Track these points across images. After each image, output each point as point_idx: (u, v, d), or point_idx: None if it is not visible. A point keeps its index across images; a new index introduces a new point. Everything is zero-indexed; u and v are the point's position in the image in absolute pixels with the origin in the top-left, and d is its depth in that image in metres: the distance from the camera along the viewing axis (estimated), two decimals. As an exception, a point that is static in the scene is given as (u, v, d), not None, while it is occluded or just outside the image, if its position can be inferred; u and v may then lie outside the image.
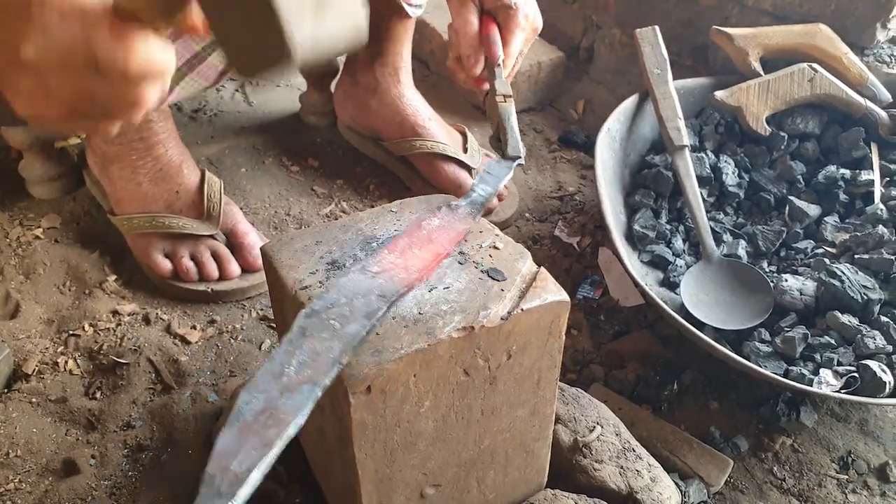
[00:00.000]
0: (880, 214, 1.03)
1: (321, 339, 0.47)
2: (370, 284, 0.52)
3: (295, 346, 0.46)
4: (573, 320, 1.03)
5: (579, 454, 0.75)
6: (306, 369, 0.45)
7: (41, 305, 0.99)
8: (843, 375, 0.85)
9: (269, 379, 0.44)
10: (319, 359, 0.46)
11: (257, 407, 0.42)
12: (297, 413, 0.42)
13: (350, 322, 0.49)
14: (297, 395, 0.43)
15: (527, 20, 0.83)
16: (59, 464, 0.82)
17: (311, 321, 0.48)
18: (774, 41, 1.19)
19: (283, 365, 0.45)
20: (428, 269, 0.56)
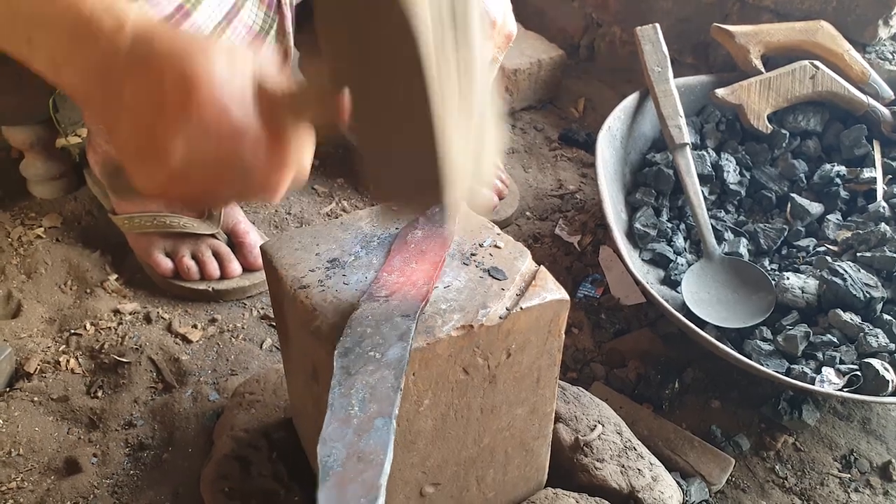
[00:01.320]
0: (882, 212, 1.03)
1: (369, 371, 0.46)
2: (387, 309, 0.52)
3: (346, 386, 0.45)
4: (574, 319, 1.02)
5: (580, 453, 0.75)
6: (370, 405, 0.44)
7: (43, 305, 0.99)
8: (845, 374, 0.85)
9: (339, 426, 0.43)
10: (378, 391, 0.45)
11: (341, 456, 0.40)
12: (385, 448, 0.41)
13: (388, 348, 0.48)
14: (375, 431, 0.42)
15: (493, 27, 0.80)
16: (61, 462, 0.82)
17: (350, 358, 0.47)
18: (776, 38, 1.18)
19: (345, 408, 0.44)
20: (433, 278, 0.55)
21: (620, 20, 1.51)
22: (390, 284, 0.55)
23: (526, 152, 1.38)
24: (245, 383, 0.85)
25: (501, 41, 0.84)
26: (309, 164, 0.52)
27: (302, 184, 0.52)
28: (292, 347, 0.64)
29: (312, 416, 0.65)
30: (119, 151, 0.51)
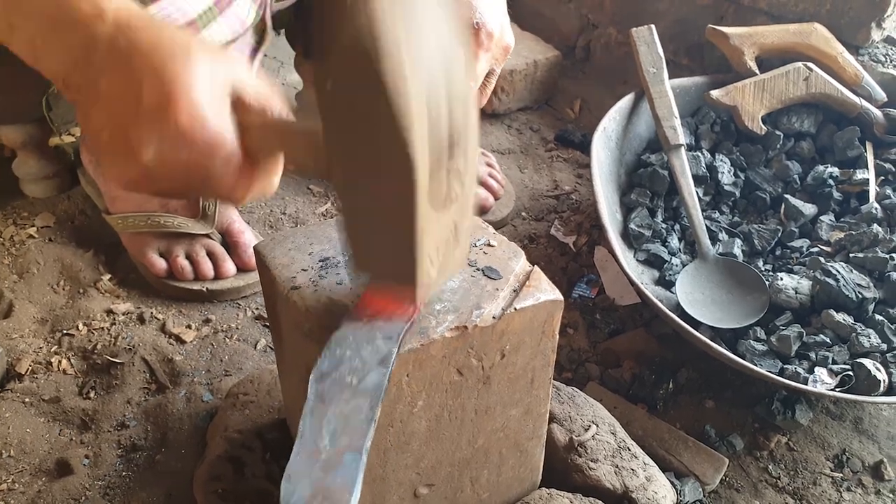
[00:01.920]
0: (875, 213, 1.03)
1: (344, 400, 0.44)
2: (370, 329, 0.49)
3: (318, 416, 0.43)
4: (569, 319, 1.02)
5: (574, 453, 0.75)
6: (341, 437, 0.41)
7: (35, 305, 0.99)
8: (837, 374, 0.85)
9: (306, 459, 0.40)
10: (351, 422, 0.42)
11: (306, 493, 0.39)
12: (352, 486, 0.39)
13: (366, 374, 0.46)
14: (343, 467, 0.40)
15: (490, 39, 0.80)
16: (53, 464, 0.82)
17: (325, 384, 0.45)
18: (770, 40, 1.19)
19: (315, 440, 0.41)
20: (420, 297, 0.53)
21: (616, 21, 1.51)
22: (375, 303, 0.52)
23: (522, 153, 1.38)
24: (239, 384, 0.85)
25: (499, 53, 0.84)
26: (276, 183, 0.52)
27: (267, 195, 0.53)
28: (285, 348, 0.64)
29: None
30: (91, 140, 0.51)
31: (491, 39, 0.80)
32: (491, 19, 0.80)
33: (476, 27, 0.79)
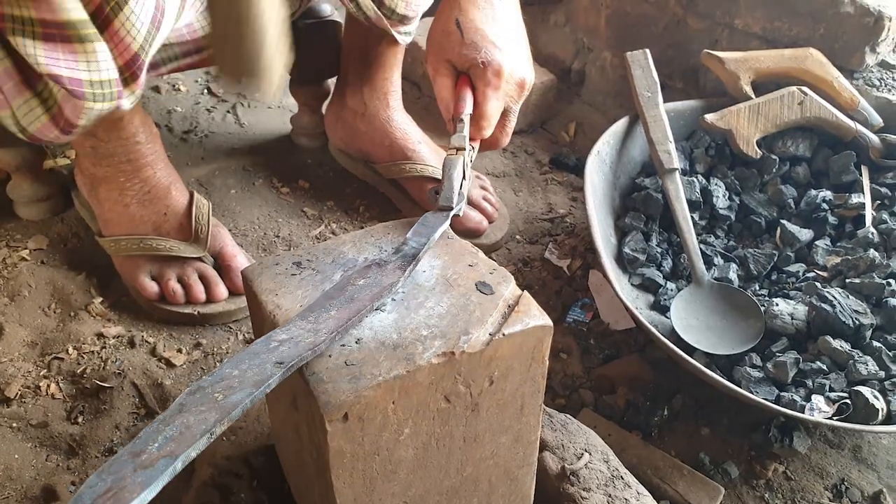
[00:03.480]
0: (871, 238, 1.02)
1: (198, 412, 0.43)
2: (268, 354, 0.49)
3: (167, 423, 0.42)
4: (563, 344, 1.02)
5: (567, 482, 0.74)
6: (170, 443, 0.41)
7: (25, 328, 0.98)
8: (835, 402, 0.84)
9: (127, 458, 0.40)
10: (189, 431, 0.41)
11: (101, 489, 0.38)
12: (144, 489, 0.38)
13: (235, 392, 0.45)
14: (151, 470, 0.39)
15: (499, 77, 0.78)
16: (39, 490, 0.81)
17: (194, 397, 0.44)
18: (765, 65, 1.19)
19: (147, 443, 0.41)
20: (338, 329, 0.52)
21: (611, 45, 1.52)
22: (294, 330, 0.51)
23: (517, 176, 1.38)
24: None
25: (512, 90, 0.81)
26: None
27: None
28: (273, 374, 0.63)
29: (293, 444, 0.64)
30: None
31: (499, 77, 0.78)
32: (498, 57, 0.78)
33: (482, 66, 0.78)
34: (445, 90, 0.80)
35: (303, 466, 0.62)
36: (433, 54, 0.82)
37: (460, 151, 0.73)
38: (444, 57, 0.80)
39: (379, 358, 0.51)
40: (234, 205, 1.22)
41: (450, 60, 0.80)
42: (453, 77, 0.81)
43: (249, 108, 1.48)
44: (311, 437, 0.54)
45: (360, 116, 1.21)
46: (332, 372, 0.50)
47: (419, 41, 1.49)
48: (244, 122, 1.44)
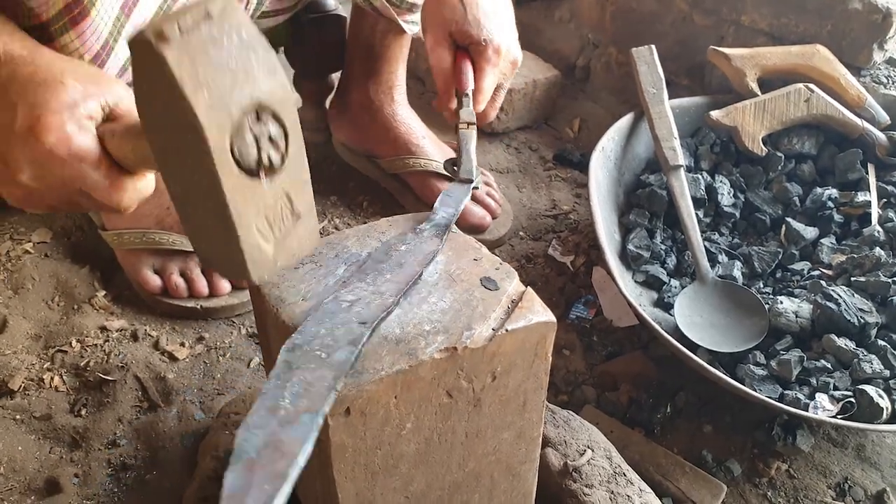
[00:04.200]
0: (877, 236, 1.02)
1: (310, 369, 0.46)
2: (347, 314, 0.52)
3: (284, 379, 0.45)
4: (566, 340, 1.01)
5: (569, 478, 0.73)
6: (302, 399, 0.43)
7: (29, 321, 0.98)
8: (839, 400, 0.84)
9: (265, 414, 0.42)
10: (313, 388, 0.44)
11: (258, 443, 0.40)
12: (304, 443, 0.40)
13: (336, 350, 0.48)
14: (299, 425, 0.41)
15: (498, 55, 0.83)
16: (42, 482, 0.81)
17: (295, 354, 0.47)
18: (772, 62, 1.18)
19: (276, 398, 0.43)
20: (401, 291, 0.55)
21: (616, 41, 1.51)
22: (359, 291, 0.54)
23: (520, 172, 1.37)
24: (231, 403, 0.84)
25: (507, 68, 0.86)
26: (151, 183, 0.57)
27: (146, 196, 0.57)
28: (275, 368, 0.63)
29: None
30: None
31: (499, 55, 0.83)
32: (498, 35, 0.82)
33: (483, 44, 0.82)
34: (445, 62, 0.84)
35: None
36: (434, 25, 0.85)
37: (471, 126, 0.77)
38: (447, 29, 0.84)
39: (381, 352, 0.51)
40: (237, 199, 1.22)
41: (451, 34, 0.84)
42: (452, 50, 0.84)
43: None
44: (313, 431, 0.54)
45: (365, 111, 1.21)
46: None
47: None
48: (248, 116, 1.43)
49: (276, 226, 0.47)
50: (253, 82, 0.43)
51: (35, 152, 0.51)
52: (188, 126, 0.41)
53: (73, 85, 0.53)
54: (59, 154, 0.51)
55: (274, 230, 0.47)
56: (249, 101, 0.43)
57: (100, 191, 0.53)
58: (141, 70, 0.42)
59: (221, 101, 0.41)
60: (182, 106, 0.40)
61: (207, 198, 0.43)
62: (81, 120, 0.52)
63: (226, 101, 0.41)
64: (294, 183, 0.47)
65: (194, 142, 0.41)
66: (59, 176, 0.52)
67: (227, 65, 0.42)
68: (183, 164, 0.44)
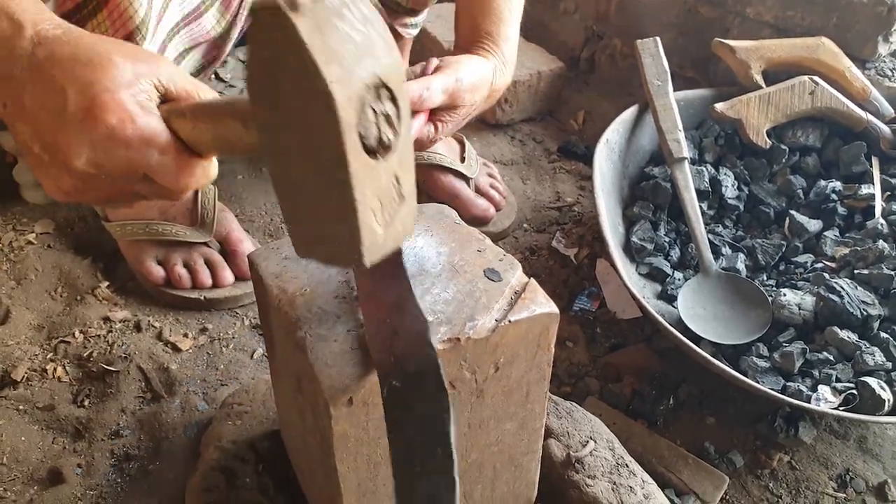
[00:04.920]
0: (881, 229, 1.02)
1: None
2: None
3: None
4: (569, 332, 1.01)
5: (572, 469, 0.73)
6: None
7: (32, 311, 0.98)
8: (841, 392, 0.84)
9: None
10: None
11: None
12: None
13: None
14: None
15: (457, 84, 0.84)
16: (45, 472, 0.81)
17: None
18: (777, 54, 1.18)
19: None
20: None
21: (621, 33, 1.51)
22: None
23: (525, 164, 1.37)
24: (234, 394, 0.84)
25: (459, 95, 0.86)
26: (215, 169, 0.53)
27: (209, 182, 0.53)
28: (278, 359, 0.63)
29: (299, 428, 0.64)
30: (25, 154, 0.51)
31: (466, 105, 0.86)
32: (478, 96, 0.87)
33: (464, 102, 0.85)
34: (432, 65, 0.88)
35: (307, 451, 0.62)
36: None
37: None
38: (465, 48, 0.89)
39: (384, 343, 0.51)
40: (240, 190, 1.22)
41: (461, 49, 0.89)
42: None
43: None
44: (315, 421, 0.54)
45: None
46: (337, 356, 0.50)
47: (427, 27, 1.48)
48: (251, 107, 1.43)
49: (387, 208, 0.45)
50: (375, 57, 0.41)
51: (94, 135, 0.47)
52: (318, 101, 0.39)
53: (123, 63, 0.49)
54: (123, 135, 0.47)
55: (385, 212, 0.45)
56: (372, 76, 0.41)
57: (167, 175, 0.50)
58: (263, 39, 0.39)
59: (350, 76, 0.39)
60: (314, 79, 0.38)
61: (326, 177, 0.42)
62: (141, 99, 0.49)
63: (353, 75, 0.40)
64: (403, 164, 0.46)
65: (322, 118, 0.39)
66: (123, 159, 0.48)
67: (352, 37, 0.40)
68: (298, 142, 0.42)
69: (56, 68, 0.48)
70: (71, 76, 0.47)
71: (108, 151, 0.48)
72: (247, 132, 0.46)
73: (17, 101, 0.49)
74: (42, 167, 0.50)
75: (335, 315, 0.53)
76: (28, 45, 0.48)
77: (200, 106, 0.50)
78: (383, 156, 0.43)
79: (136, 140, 0.48)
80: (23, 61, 0.48)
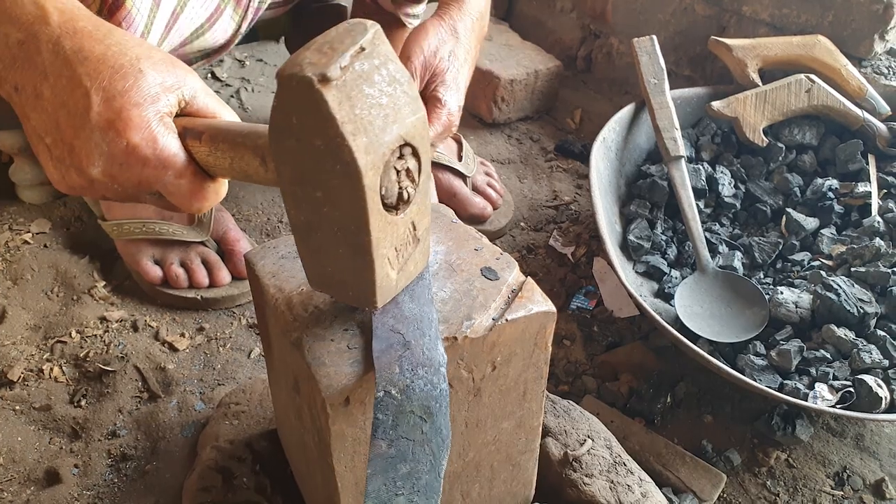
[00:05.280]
0: (877, 227, 1.02)
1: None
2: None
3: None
4: (567, 331, 1.01)
5: (569, 468, 0.73)
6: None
7: (28, 311, 0.98)
8: (838, 390, 0.84)
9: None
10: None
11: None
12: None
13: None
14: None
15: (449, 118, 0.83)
16: (42, 473, 0.81)
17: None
18: (773, 52, 1.18)
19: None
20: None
21: (618, 31, 1.51)
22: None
23: (521, 163, 1.37)
24: (231, 393, 0.84)
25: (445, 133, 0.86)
26: (225, 190, 0.53)
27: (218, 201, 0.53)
28: (275, 357, 0.63)
29: (296, 428, 0.64)
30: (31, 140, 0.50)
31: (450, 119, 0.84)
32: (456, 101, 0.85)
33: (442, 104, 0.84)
34: None
35: (305, 451, 0.62)
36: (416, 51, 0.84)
37: None
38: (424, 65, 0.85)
39: (381, 342, 0.51)
40: (237, 190, 1.22)
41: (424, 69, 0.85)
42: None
43: (253, 92, 1.47)
44: (312, 421, 0.54)
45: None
46: (334, 355, 0.50)
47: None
48: (248, 106, 1.43)
49: (402, 253, 0.47)
50: (400, 119, 0.42)
51: (115, 148, 0.47)
52: (343, 167, 0.40)
53: (152, 75, 0.48)
54: (143, 154, 0.47)
55: (399, 257, 0.47)
56: (396, 139, 0.42)
57: (180, 197, 0.50)
58: (290, 104, 0.40)
59: (376, 143, 0.41)
60: (340, 149, 0.39)
61: (345, 231, 0.43)
62: (164, 118, 0.48)
63: (379, 141, 0.41)
64: (420, 211, 0.47)
65: (346, 182, 0.40)
66: (137, 175, 0.48)
67: (379, 102, 0.41)
68: (319, 197, 0.43)
69: (83, 66, 0.46)
70: (97, 80, 0.46)
71: (125, 167, 0.47)
72: (265, 169, 0.47)
73: (34, 89, 0.47)
74: (52, 160, 0.49)
75: (332, 314, 0.53)
76: (54, 33, 0.47)
77: (219, 132, 0.49)
78: (403, 210, 0.45)
79: (154, 161, 0.47)
80: (46, 50, 0.47)
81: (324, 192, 0.42)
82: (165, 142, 0.47)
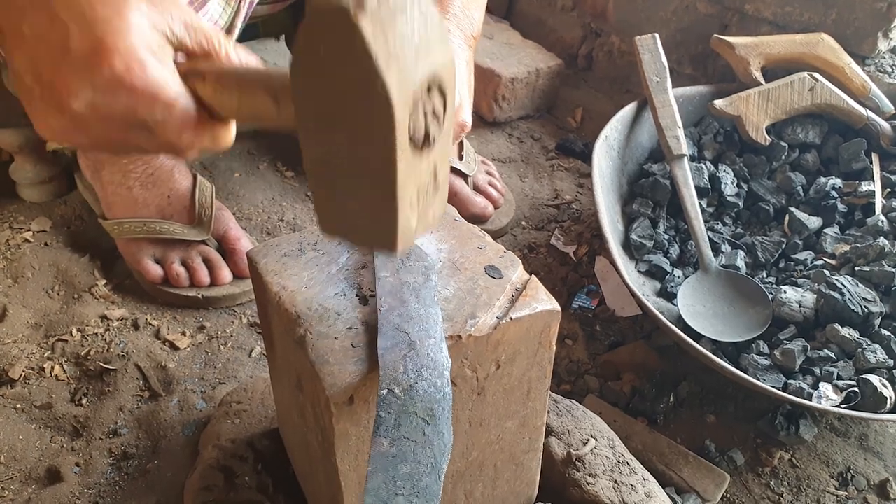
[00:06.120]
0: (881, 226, 1.01)
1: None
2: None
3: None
4: (569, 330, 1.01)
5: (572, 467, 0.73)
6: None
7: (29, 310, 0.97)
8: (843, 390, 0.84)
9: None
10: None
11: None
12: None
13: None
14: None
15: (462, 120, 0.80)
16: (43, 471, 0.81)
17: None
18: (776, 50, 1.18)
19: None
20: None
21: (619, 30, 1.51)
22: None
23: (523, 161, 1.37)
24: (232, 392, 0.83)
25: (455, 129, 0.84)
26: (232, 136, 0.50)
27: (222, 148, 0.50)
28: (277, 356, 0.62)
29: (299, 427, 0.63)
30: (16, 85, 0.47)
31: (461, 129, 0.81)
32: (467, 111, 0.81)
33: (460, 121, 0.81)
34: None
35: (307, 449, 0.62)
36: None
37: None
38: None
39: (385, 341, 0.51)
40: (238, 188, 1.21)
41: None
42: None
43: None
44: (316, 419, 0.53)
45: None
46: (338, 354, 0.50)
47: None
48: (249, 105, 1.43)
49: (422, 198, 0.45)
50: (430, 55, 0.41)
51: (98, 78, 0.43)
52: (375, 102, 0.38)
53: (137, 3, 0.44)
54: (129, 82, 0.43)
55: (420, 202, 0.45)
56: (425, 76, 0.41)
57: (167, 132, 0.46)
58: (320, 35, 0.39)
59: (408, 77, 0.39)
60: (373, 82, 0.38)
61: (370, 170, 0.41)
62: (153, 45, 0.45)
63: (410, 76, 0.39)
64: (442, 154, 0.46)
65: (376, 117, 0.39)
66: (123, 108, 0.45)
67: (411, 36, 0.39)
68: (344, 133, 0.41)
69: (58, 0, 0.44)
70: (74, 10, 0.44)
71: (109, 97, 0.44)
72: (278, 109, 0.45)
73: (15, 29, 0.45)
74: (33, 101, 0.47)
75: (336, 312, 0.53)
76: None
77: (226, 73, 0.47)
78: (427, 149, 0.43)
79: (141, 89, 0.44)
80: None
81: (350, 127, 0.41)
82: (154, 67, 0.45)
